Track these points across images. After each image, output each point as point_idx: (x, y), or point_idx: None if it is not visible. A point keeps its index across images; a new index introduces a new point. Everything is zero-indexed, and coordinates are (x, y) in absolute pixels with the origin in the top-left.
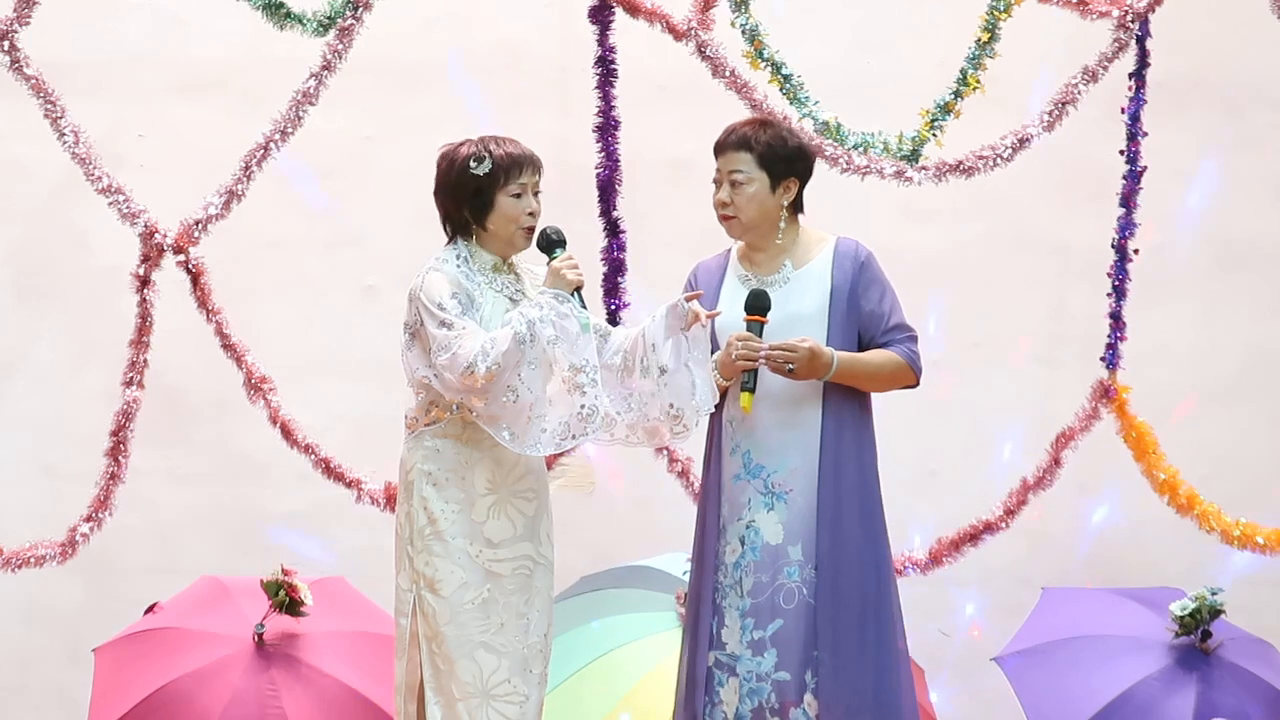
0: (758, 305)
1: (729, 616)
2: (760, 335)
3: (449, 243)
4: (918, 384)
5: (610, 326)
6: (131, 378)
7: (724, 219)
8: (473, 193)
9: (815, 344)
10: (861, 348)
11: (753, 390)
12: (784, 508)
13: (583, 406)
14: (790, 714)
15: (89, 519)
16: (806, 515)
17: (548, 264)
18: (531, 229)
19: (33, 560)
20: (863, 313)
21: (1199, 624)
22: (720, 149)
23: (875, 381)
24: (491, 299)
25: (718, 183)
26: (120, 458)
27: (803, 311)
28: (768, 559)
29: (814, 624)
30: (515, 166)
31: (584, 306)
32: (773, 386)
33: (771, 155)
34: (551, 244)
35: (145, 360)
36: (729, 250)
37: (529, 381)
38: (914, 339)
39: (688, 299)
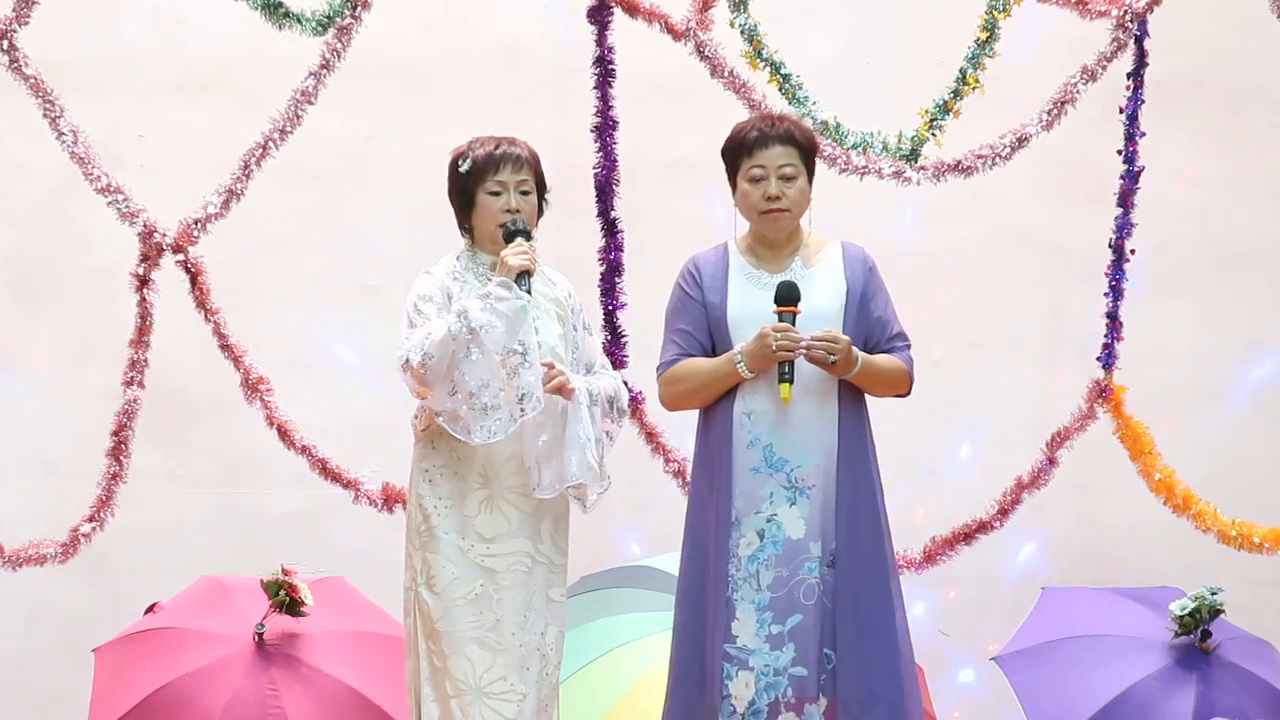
0: (789, 296)
1: (741, 610)
2: (793, 325)
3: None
4: (910, 393)
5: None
6: (132, 377)
7: (774, 213)
8: (459, 191)
9: (849, 339)
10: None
11: (791, 381)
12: (806, 502)
13: (518, 389)
14: (806, 710)
15: (91, 519)
16: (825, 511)
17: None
18: None
19: (34, 559)
20: (871, 317)
21: (1199, 624)
22: (764, 142)
23: (882, 385)
24: None
25: (758, 178)
26: (122, 457)
27: (822, 309)
28: (788, 553)
29: (830, 621)
30: (492, 165)
31: (528, 291)
32: (801, 382)
33: (810, 150)
34: (511, 235)
35: (145, 360)
36: (725, 245)
37: (468, 371)
38: (910, 347)
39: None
